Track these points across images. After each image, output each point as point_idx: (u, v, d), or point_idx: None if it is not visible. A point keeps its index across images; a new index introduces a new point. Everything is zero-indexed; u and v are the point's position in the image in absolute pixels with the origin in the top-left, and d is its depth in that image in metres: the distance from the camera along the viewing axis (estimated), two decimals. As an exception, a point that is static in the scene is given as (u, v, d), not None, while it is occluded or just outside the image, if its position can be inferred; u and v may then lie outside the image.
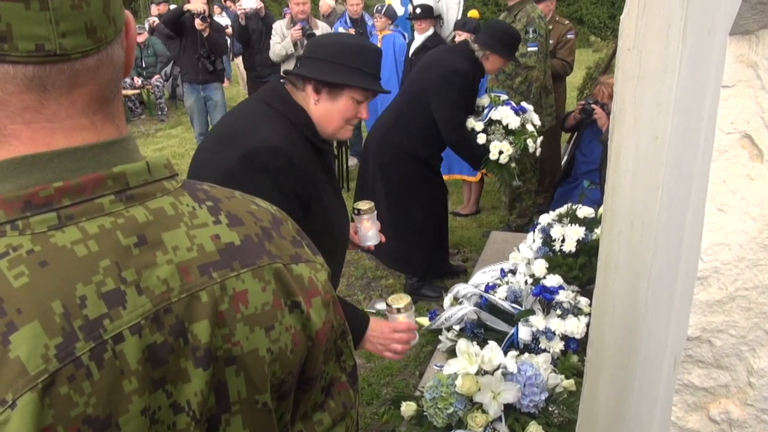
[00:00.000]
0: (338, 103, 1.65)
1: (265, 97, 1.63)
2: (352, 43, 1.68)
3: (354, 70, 1.63)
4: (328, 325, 0.77)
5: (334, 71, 1.60)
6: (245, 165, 1.46)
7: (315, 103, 1.62)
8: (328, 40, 1.72)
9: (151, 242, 0.62)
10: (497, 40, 3.32)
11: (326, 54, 1.61)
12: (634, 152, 1.42)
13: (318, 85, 1.62)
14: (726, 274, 0.82)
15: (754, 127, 0.78)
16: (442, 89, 3.33)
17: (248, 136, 1.51)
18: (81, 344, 0.55)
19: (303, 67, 1.64)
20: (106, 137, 0.63)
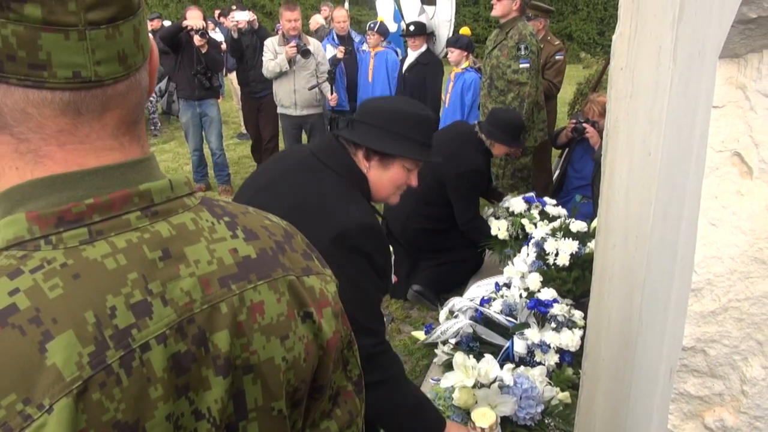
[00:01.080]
0: (389, 172, 1.63)
1: (331, 162, 1.58)
2: (407, 111, 1.62)
3: (407, 139, 1.60)
4: (338, 334, 0.79)
5: (387, 140, 1.57)
6: (339, 245, 1.44)
7: (366, 170, 1.61)
8: (384, 105, 1.65)
9: (174, 256, 0.64)
10: (501, 131, 3.54)
11: (380, 121, 1.59)
12: (627, 168, 1.46)
13: (370, 152, 1.59)
14: (719, 285, 0.85)
15: (744, 146, 0.82)
16: (461, 187, 3.58)
17: (337, 214, 1.47)
18: (111, 352, 0.57)
19: (355, 132, 1.61)
20: (132, 157, 0.66)
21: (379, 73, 5.89)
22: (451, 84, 5.17)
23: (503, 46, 4.35)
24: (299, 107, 5.68)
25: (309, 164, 1.58)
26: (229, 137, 8.86)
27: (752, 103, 0.81)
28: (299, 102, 5.65)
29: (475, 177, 3.59)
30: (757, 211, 0.82)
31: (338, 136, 1.63)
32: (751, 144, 0.82)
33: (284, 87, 5.62)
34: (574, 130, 4.27)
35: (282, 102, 5.71)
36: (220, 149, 6.35)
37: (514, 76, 4.29)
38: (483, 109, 4.60)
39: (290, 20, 5.48)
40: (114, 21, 0.60)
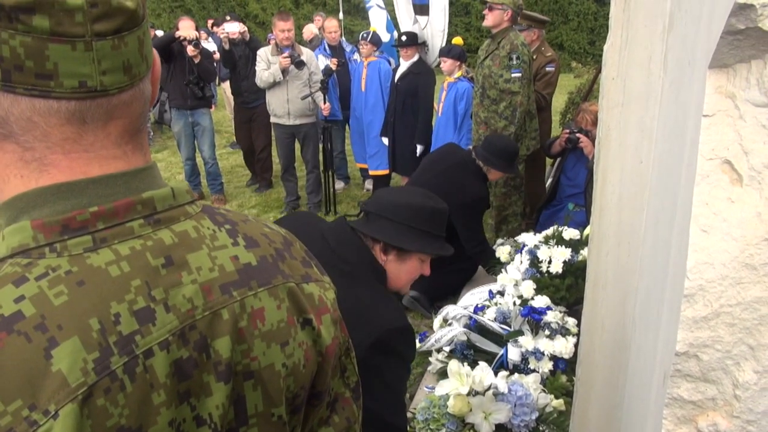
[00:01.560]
0: (406, 265, 1.66)
1: (354, 259, 1.59)
2: (423, 205, 1.65)
3: (424, 233, 1.64)
4: (337, 341, 0.80)
5: (405, 235, 1.60)
6: (378, 351, 1.46)
7: (383, 263, 1.64)
8: (401, 199, 1.66)
9: (177, 263, 0.65)
10: (497, 157, 3.62)
11: (396, 215, 1.61)
12: (620, 176, 1.47)
13: (388, 247, 1.61)
14: (711, 291, 0.86)
15: (734, 154, 0.84)
16: (467, 215, 3.62)
17: (373, 320, 1.48)
18: (116, 358, 0.57)
19: (373, 226, 1.62)
20: (135, 165, 0.67)
21: (372, 82, 5.92)
22: (444, 93, 5.19)
23: (495, 56, 4.38)
24: (292, 117, 5.69)
25: (333, 263, 1.54)
26: (222, 146, 8.86)
27: (741, 111, 0.82)
28: (292, 111, 5.66)
29: (480, 205, 3.68)
30: (747, 218, 0.83)
31: (353, 228, 1.64)
32: (741, 152, 0.83)
33: (277, 97, 5.63)
34: (568, 140, 4.29)
35: (275, 111, 5.72)
36: (213, 158, 6.35)
37: (506, 85, 4.33)
38: (475, 118, 4.62)
39: (283, 30, 5.50)
40: (119, 32, 0.61)
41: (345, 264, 1.57)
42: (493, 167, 3.59)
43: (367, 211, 1.65)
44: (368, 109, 5.94)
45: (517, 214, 4.73)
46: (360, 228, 1.63)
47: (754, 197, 0.83)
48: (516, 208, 4.70)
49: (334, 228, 1.67)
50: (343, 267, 1.56)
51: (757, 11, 0.74)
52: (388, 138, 5.69)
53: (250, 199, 6.66)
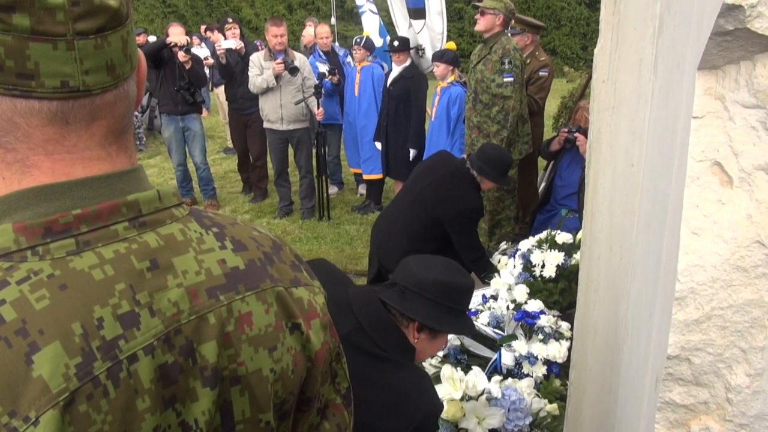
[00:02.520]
0: (436, 342, 1.68)
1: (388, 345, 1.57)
2: (457, 283, 1.65)
3: (456, 312, 1.63)
4: (327, 346, 0.79)
5: (440, 314, 1.60)
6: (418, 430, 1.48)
7: (414, 340, 1.63)
8: (435, 276, 1.63)
9: (162, 266, 0.64)
10: (491, 168, 3.62)
11: (431, 293, 1.60)
12: (611, 179, 1.47)
13: (423, 326, 1.61)
14: (702, 294, 0.86)
15: (724, 155, 0.83)
16: (463, 225, 3.64)
17: (411, 406, 1.49)
18: (99, 364, 0.57)
19: (410, 305, 1.60)
20: (120, 167, 0.65)
21: (365, 87, 5.92)
22: (437, 98, 5.20)
23: (487, 61, 4.39)
24: (285, 122, 5.68)
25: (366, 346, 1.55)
26: (215, 152, 8.84)
27: (731, 113, 0.82)
28: (285, 117, 5.66)
29: (475, 214, 3.70)
30: (738, 220, 0.83)
31: (384, 303, 1.61)
32: (731, 153, 0.83)
33: (270, 102, 5.62)
34: (566, 140, 4.29)
35: (268, 117, 5.71)
36: (205, 164, 6.33)
37: (498, 90, 4.33)
38: (468, 122, 4.63)
39: (277, 35, 5.50)
40: (102, 31, 0.60)
41: (377, 348, 1.56)
42: (486, 177, 3.59)
43: (400, 285, 1.61)
44: (361, 113, 5.95)
45: (510, 219, 4.73)
46: (396, 306, 1.60)
47: (744, 199, 0.83)
48: (509, 213, 4.70)
49: (365, 304, 1.62)
50: (377, 351, 1.56)
51: (746, 12, 0.73)
52: (381, 143, 5.69)
53: (243, 205, 6.64)
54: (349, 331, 1.58)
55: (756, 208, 0.82)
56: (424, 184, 3.62)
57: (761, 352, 0.84)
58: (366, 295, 1.65)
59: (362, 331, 1.56)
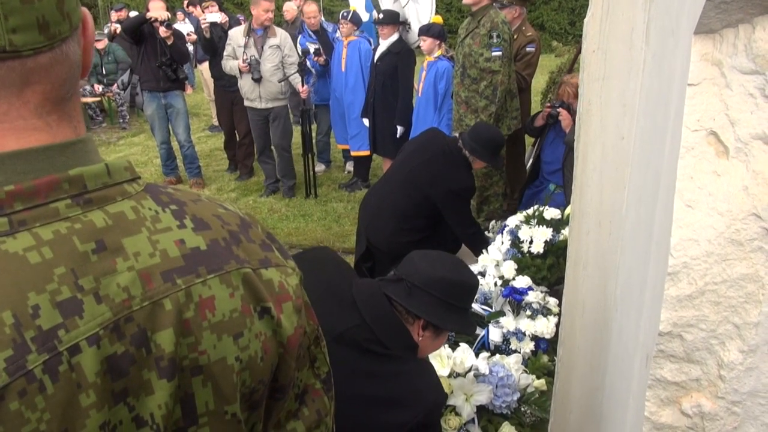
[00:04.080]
0: (438, 340, 1.66)
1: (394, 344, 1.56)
2: (465, 282, 1.65)
3: (461, 310, 1.64)
4: (300, 330, 0.74)
5: (446, 313, 1.60)
6: (422, 427, 1.48)
7: (419, 337, 1.61)
8: (441, 273, 1.62)
9: (110, 248, 0.58)
10: (484, 147, 3.58)
11: (438, 291, 1.58)
12: (600, 152, 1.44)
13: (428, 324, 1.60)
14: (695, 269, 0.83)
15: (720, 124, 0.80)
16: (456, 204, 3.61)
17: (416, 400, 1.48)
18: (33, 356, 0.51)
19: (417, 303, 1.58)
20: (61, 138, 0.59)
21: (352, 62, 5.83)
22: (424, 73, 5.12)
23: (475, 35, 4.32)
24: (264, 100, 5.60)
25: (370, 343, 1.53)
26: (200, 130, 8.72)
27: (728, 80, 0.78)
28: (264, 95, 5.57)
29: (467, 193, 3.69)
30: (733, 192, 0.80)
31: (390, 299, 1.59)
32: (727, 122, 0.79)
33: (249, 80, 5.53)
34: (549, 116, 4.25)
35: (247, 95, 5.63)
36: (189, 141, 6.23)
37: (486, 64, 4.27)
38: (456, 97, 4.57)
39: (268, 11, 5.41)
40: None
41: (380, 345, 1.55)
42: (478, 157, 3.56)
43: (406, 282, 1.59)
44: (349, 89, 5.86)
45: (499, 195, 4.71)
46: (402, 303, 1.58)
47: (740, 170, 0.80)
48: (497, 189, 4.68)
49: (369, 299, 1.60)
50: (380, 349, 1.54)
51: (746, -29, 0.69)
52: (368, 119, 5.62)
53: (229, 183, 6.57)
54: (350, 328, 1.56)
55: (752, 179, 0.79)
56: (416, 162, 3.58)
57: (755, 327, 0.82)
58: (370, 290, 1.63)
59: (365, 328, 1.55)
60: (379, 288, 1.61)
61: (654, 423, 0.91)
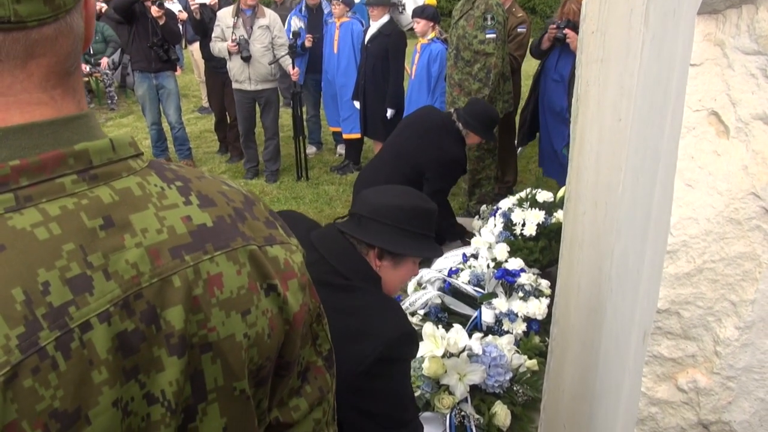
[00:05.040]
0: (401, 269, 1.61)
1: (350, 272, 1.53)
2: (415, 206, 1.60)
3: (418, 236, 1.59)
4: (305, 308, 0.74)
5: (401, 239, 1.56)
6: (383, 361, 1.44)
7: (377, 267, 1.58)
8: (390, 201, 1.60)
9: (118, 224, 0.58)
10: (479, 122, 3.58)
11: (391, 219, 1.56)
12: (598, 134, 1.45)
13: (383, 252, 1.56)
14: (694, 247, 0.84)
15: (721, 105, 0.81)
16: (443, 173, 3.60)
17: (375, 331, 1.45)
18: (45, 333, 0.51)
19: (367, 231, 1.56)
20: (66, 113, 0.58)
21: (344, 44, 5.78)
22: (417, 55, 5.09)
23: (470, 16, 4.30)
24: (253, 82, 5.54)
25: (328, 277, 1.50)
26: (189, 111, 8.63)
27: (730, 60, 0.79)
28: (253, 77, 5.51)
29: (456, 167, 3.67)
30: (733, 171, 0.81)
31: (344, 232, 1.57)
32: (729, 102, 0.80)
33: (238, 61, 5.47)
34: (556, 39, 4.14)
35: (236, 77, 5.56)
36: (180, 123, 6.17)
37: (480, 46, 4.26)
38: (449, 80, 4.56)
39: None
40: None
41: (340, 277, 1.52)
42: (473, 131, 3.57)
43: (356, 215, 1.58)
44: (341, 71, 5.82)
45: (491, 178, 4.72)
46: (352, 233, 1.56)
47: (740, 150, 0.81)
48: (489, 172, 4.69)
49: (325, 236, 1.59)
50: (340, 281, 1.52)
51: (752, -49, 0.70)
52: (359, 102, 5.59)
53: (219, 165, 6.53)
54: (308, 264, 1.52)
55: (752, 159, 0.80)
56: (409, 135, 3.59)
57: (752, 305, 0.84)
58: (326, 230, 1.63)
59: (323, 262, 1.53)
60: (334, 226, 1.61)
61: (650, 398, 0.93)
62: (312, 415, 0.84)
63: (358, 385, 1.35)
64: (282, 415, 0.81)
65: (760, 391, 0.86)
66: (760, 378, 0.86)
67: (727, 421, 0.89)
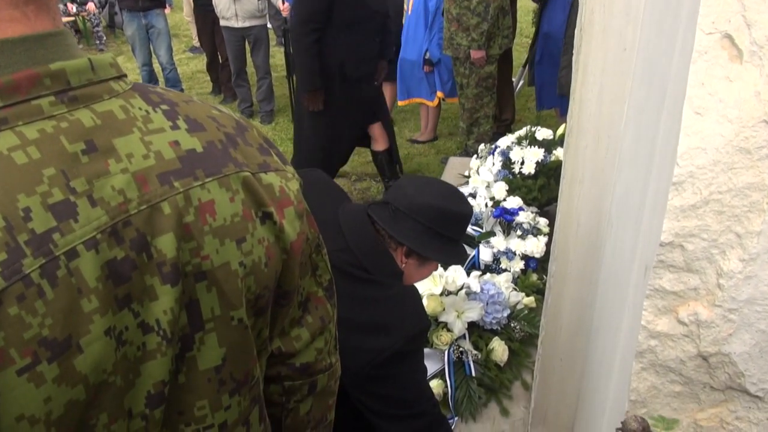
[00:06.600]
0: (425, 269, 1.59)
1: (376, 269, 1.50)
2: (452, 210, 1.54)
3: (448, 240, 1.55)
4: (303, 236, 0.73)
5: (430, 241, 1.52)
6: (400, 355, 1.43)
7: (402, 264, 1.54)
8: (430, 200, 1.53)
9: (101, 149, 0.55)
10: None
11: (426, 218, 1.51)
12: (602, 65, 1.40)
13: (411, 251, 1.52)
14: (701, 178, 0.82)
15: (735, 27, 0.76)
16: None
17: (395, 326, 1.44)
18: (29, 261, 0.49)
19: (401, 229, 1.51)
20: (40, 29, 0.54)
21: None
22: (413, -10, 4.93)
23: (467, -53, 4.13)
24: (240, 18, 5.37)
25: (351, 267, 1.47)
26: (180, 51, 8.43)
27: (747, -23, 0.74)
28: (240, 13, 5.34)
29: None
30: (745, 98, 0.77)
31: (375, 223, 1.52)
32: (743, 24, 0.76)
33: (223, -4, 5.30)
34: None
35: (222, 13, 5.39)
36: (171, 64, 6.03)
37: (478, -21, 4.11)
38: (447, 15, 4.42)
39: None
40: None
41: (364, 271, 1.49)
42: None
43: (392, 206, 1.52)
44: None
45: (489, 117, 4.65)
46: (385, 226, 1.52)
47: (753, 75, 0.77)
48: (488, 110, 4.61)
49: (354, 223, 1.54)
50: (362, 274, 1.49)
51: None
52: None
53: (213, 106, 6.43)
54: (332, 251, 1.49)
55: (765, 84, 0.77)
56: None
57: (757, 236, 0.82)
58: (356, 214, 1.57)
59: (348, 252, 1.50)
60: (365, 211, 1.56)
61: (650, 331, 0.93)
62: (314, 344, 0.84)
63: (374, 374, 1.37)
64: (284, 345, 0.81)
65: (761, 323, 0.86)
66: (762, 310, 0.85)
67: (726, 353, 0.89)
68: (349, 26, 3.46)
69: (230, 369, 0.68)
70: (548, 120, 4.93)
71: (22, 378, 0.49)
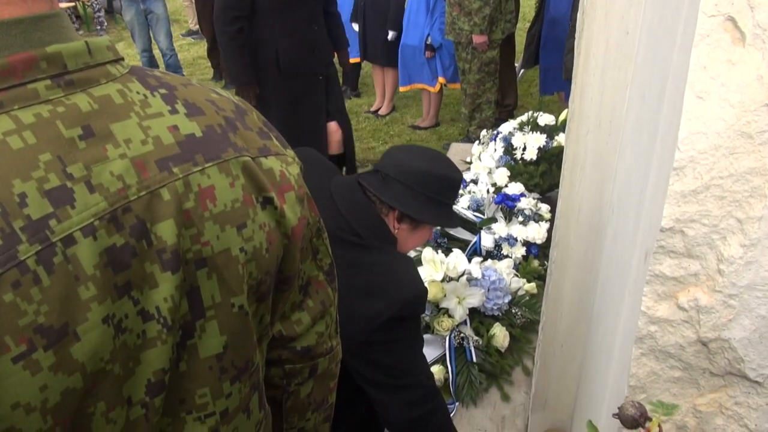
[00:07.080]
0: (417, 234, 1.58)
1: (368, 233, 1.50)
2: (442, 174, 1.55)
3: (441, 204, 1.55)
4: (304, 221, 0.72)
5: (421, 204, 1.52)
6: (397, 320, 1.43)
7: (395, 230, 1.54)
8: (418, 165, 1.54)
9: (98, 134, 0.55)
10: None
11: (415, 182, 1.51)
12: (604, 49, 1.39)
13: (403, 215, 1.53)
14: (702, 163, 0.81)
15: (738, 9, 0.75)
16: None
17: (390, 291, 1.44)
18: (25, 247, 0.49)
19: (391, 193, 1.52)
20: (36, 11, 0.53)
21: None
22: (415, -27, 4.89)
23: (470, -70, 4.09)
24: None
25: (344, 233, 1.47)
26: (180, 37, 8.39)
27: (751, -41, 0.73)
28: None
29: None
30: (747, 82, 0.77)
31: (365, 190, 1.52)
32: (746, 6, 0.75)
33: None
34: None
35: None
36: (171, 49, 6.00)
37: (481, -38, 4.07)
38: (449, -1, 4.39)
39: None
40: None
41: (357, 236, 1.49)
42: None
43: (381, 173, 1.53)
44: (337, -9, 5.59)
45: (491, 102, 4.62)
46: (375, 192, 1.52)
47: (756, 58, 0.76)
48: (490, 96, 4.59)
49: (345, 190, 1.55)
50: (355, 239, 1.49)
51: None
52: (358, 24, 5.41)
53: (214, 93, 6.40)
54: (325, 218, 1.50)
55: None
56: None
57: (758, 221, 0.81)
58: (346, 183, 1.58)
59: (341, 218, 1.50)
60: (356, 180, 1.57)
61: (650, 317, 0.93)
62: (315, 328, 0.84)
63: (371, 339, 1.37)
64: (285, 329, 0.81)
65: (762, 308, 0.86)
66: (762, 296, 0.85)
67: (726, 339, 0.88)
68: (278, 11, 3.09)
69: (231, 356, 0.67)
70: (551, 106, 4.90)
71: (17, 366, 0.49)
